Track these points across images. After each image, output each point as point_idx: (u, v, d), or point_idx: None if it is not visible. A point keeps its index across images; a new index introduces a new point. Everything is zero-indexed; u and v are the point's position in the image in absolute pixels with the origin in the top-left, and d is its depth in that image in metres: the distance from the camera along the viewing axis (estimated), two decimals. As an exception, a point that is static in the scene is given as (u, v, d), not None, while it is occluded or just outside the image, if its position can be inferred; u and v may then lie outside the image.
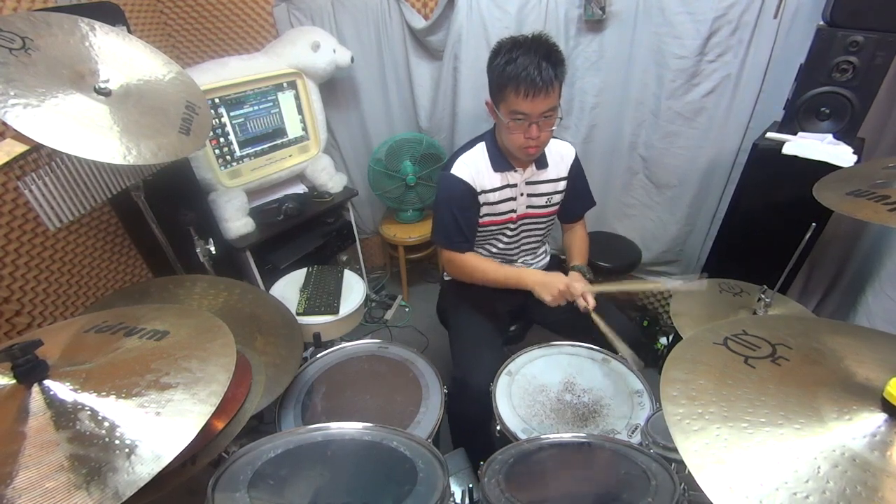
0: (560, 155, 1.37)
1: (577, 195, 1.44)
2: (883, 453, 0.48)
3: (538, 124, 1.14)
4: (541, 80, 1.08)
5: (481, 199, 1.31)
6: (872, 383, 0.55)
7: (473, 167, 1.28)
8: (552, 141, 1.34)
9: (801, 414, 0.53)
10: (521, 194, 1.34)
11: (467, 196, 1.29)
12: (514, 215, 1.36)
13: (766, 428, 0.52)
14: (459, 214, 1.30)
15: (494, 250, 1.44)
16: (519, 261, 1.49)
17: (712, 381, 0.60)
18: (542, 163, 1.33)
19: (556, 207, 1.42)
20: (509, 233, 1.40)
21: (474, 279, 1.37)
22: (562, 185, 1.39)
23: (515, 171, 1.31)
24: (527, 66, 1.08)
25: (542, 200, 1.38)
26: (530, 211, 1.38)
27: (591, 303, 1.19)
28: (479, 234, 1.39)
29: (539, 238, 1.48)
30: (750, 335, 0.67)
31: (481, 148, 1.31)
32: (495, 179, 1.30)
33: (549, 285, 1.23)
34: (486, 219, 1.35)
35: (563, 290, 1.21)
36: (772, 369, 0.61)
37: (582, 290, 1.20)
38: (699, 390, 0.59)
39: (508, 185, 1.32)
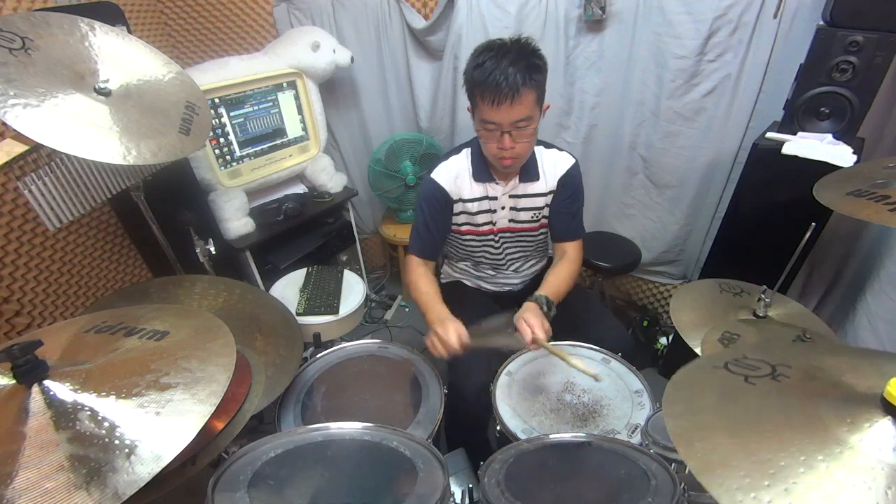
0: (553, 164, 1.27)
1: (559, 210, 1.29)
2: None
3: (510, 134, 1.07)
4: (506, 86, 1.00)
5: (459, 207, 1.27)
6: (873, 391, 0.55)
7: (454, 173, 1.25)
8: (551, 151, 1.28)
9: (818, 445, 0.50)
10: (503, 207, 1.28)
11: (441, 200, 1.25)
12: (493, 228, 1.31)
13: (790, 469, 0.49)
14: (431, 218, 1.26)
15: (490, 258, 1.41)
16: (510, 268, 1.44)
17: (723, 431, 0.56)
18: (530, 175, 1.25)
19: (546, 221, 1.34)
20: (494, 245, 1.36)
21: (409, 289, 1.28)
22: (551, 197, 1.29)
23: (497, 183, 1.25)
24: (492, 71, 1.01)
25: (527, 215, 1.30)
26: (513, 225, 1.31)
27: (540, 336, 1.02)
28: (469, 244, 1.36)
29: (528, 251, 1.42)
30: (751, 359, 0.65)
31: (466, 154, 1.27)
32: (475, 190, 1.25)
33: (431, 333, 1.10)
34: (466, 227, 1.32)
35: (432, 340, 1.08)
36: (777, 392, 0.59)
37: (452, 339, 1.04)
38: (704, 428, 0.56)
39: (487, 198, 1.26)
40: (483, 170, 1.24)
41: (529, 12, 1.76)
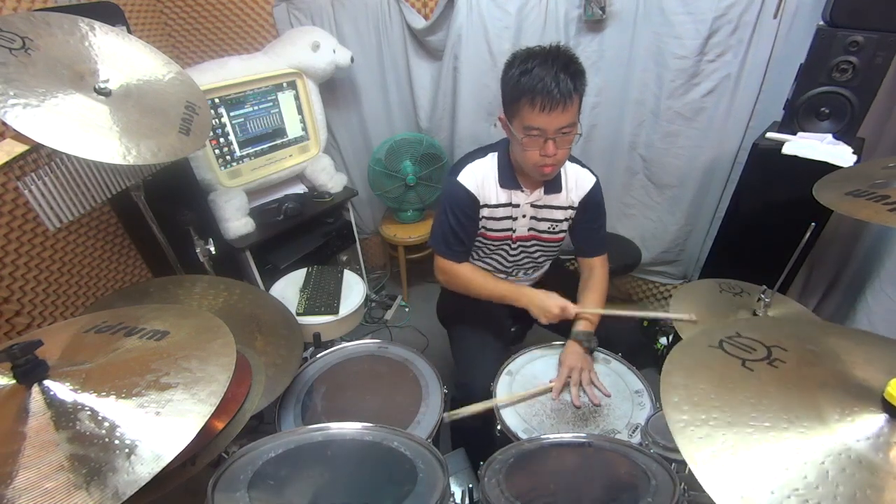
0: (576, 181, 1.27)
1: (584, 228, 1.33)
2: (887, 454, 0.48)
3: (555, 140, 1.06)
4: (558, 93, 1.00)
5: (485, 212, 1.26)
6: (869, 383, 0.55)
7: (481, 177, 1.23)
8: (574, 167, 1.27)
9: (804, 417, 0.53)
10: (524, 216, 1.27)
11: (470, 206, 1.23)
12: (511, 234, 1.30)
13: (772, 432, 0.52)
14: (459, 223, 1.25)
15: (504, 262, 1.40)
16: (517, 273, 1.44)
17: (712, 386, 0.59)
18: (554, 187, 1.24)
19: (561, 235, 1.34)
20: (509, 250, 1.35)
21: (467, 291, 1.32)
22: (571, 213, 1.30)
23: (522, 191, 1.24)
24: (543, 77, 1.00)
25: (545, 225, 1.30)
26: (533, 234, 1.31)
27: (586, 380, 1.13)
28: (486, 247, 1.35)
29: (542, 261, 1.43)
30: (744, 337, 0.67)
31: (492, 159, 1.25)
32: (500, 195, 1.24)
33: (544, 307, 1.21)
34: (486, 231, 1.31)
35: (557, 313, 1.20)
36: (770, 372, 0.61)
37: (576, 311, 1.20)
38: (701, 395, 0.58)
39: (511, 205, 1.25)
40: (510, 177, 1.23)
41: (529, 12, 1.76)
